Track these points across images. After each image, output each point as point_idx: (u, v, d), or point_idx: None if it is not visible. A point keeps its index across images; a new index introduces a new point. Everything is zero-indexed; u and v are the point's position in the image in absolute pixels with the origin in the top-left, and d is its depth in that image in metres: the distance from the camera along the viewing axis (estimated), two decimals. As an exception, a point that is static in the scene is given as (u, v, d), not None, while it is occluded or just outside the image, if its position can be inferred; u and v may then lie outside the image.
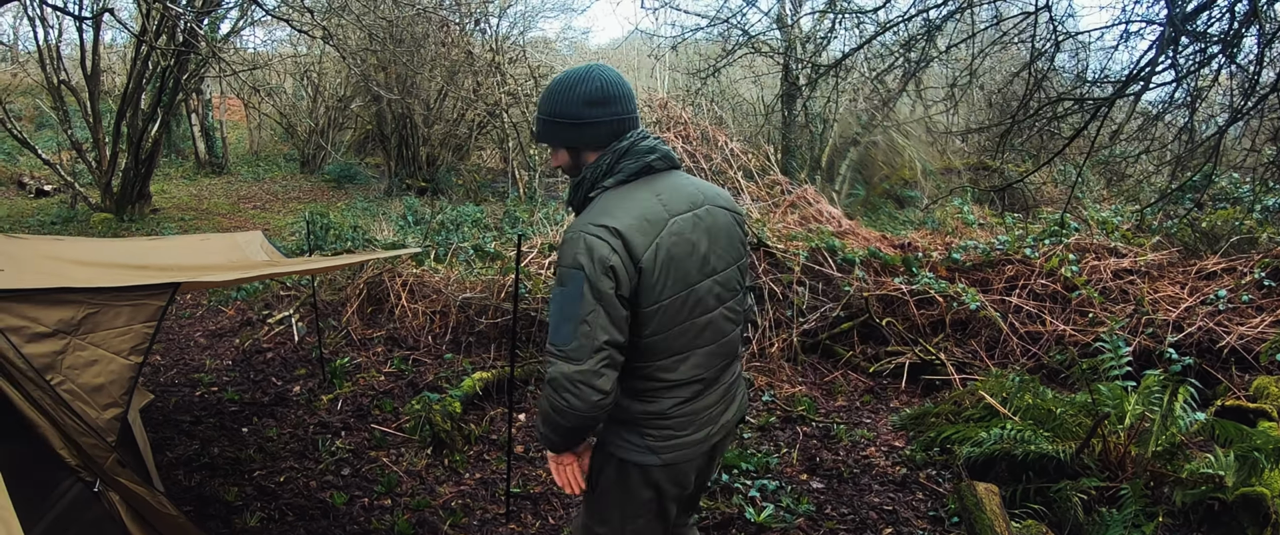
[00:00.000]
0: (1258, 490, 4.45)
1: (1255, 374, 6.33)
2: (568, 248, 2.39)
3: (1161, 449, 4.69)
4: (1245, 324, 6.72)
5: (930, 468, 5.31)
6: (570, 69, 2.58)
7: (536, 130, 2.64)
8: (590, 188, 2.54)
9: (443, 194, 17.49)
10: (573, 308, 2.34)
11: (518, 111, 17.70)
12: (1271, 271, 7.21)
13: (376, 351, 7.06)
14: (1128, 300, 7.34)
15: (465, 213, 13.04)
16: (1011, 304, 7.39)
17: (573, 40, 22.71)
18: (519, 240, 4.28)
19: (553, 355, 2.39)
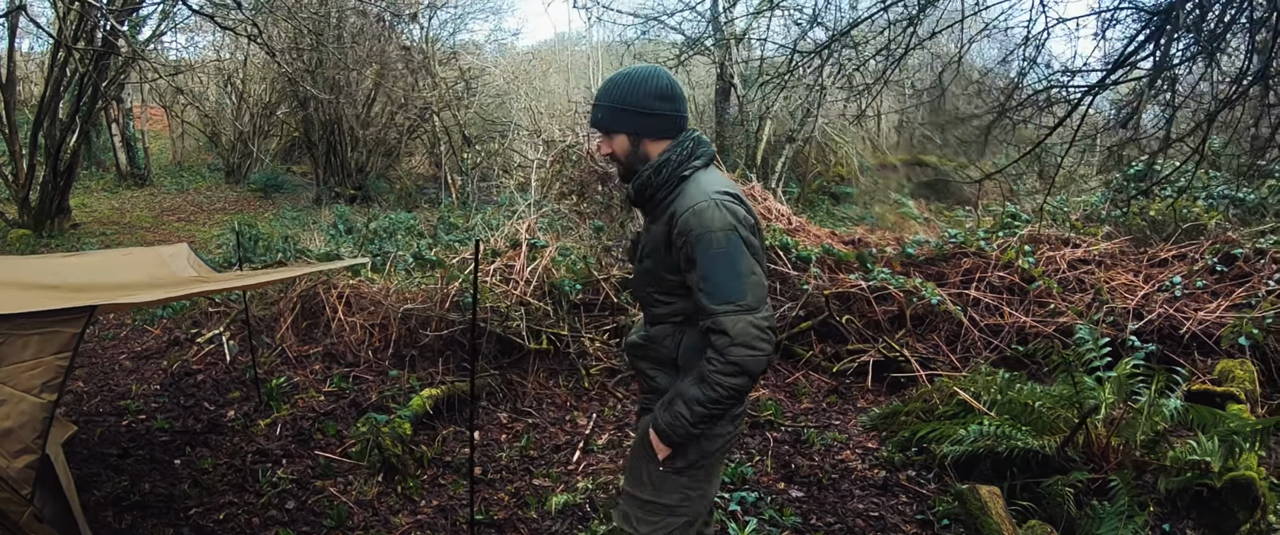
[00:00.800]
0: (1246, 474, 4.43)
1: (1217, 358, 6.33)
2: (710, 215, 2.53)
3: (1145, 438, 4.57)
4: (1203, 309, 6.72)
5: (909, 469, 5.11)
6: (634, 66, 2.81)
7: (597, 117, 2.79)
8: (678, 167, 2.69)
9: (373, 201, 16.99)
10: (737, 264, 2.52)
11: (449, 115, 17.29)
12: (1222, 257, 7.21)
13: (314, 369, 6.61)
14: (1085, 290, 7.28)
15: (398, 220, 12.63)
16: (970, 297, 7.29)
17: (502, 42, 22.30)
18: (477, 246, 3.97)
19: (730, 312, 2.50)
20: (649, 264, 2.78)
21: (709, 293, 2.53)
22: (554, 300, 7.13)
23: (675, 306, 2.74)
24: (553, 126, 15.48)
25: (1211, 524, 4.50)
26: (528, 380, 6.47)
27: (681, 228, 2.58)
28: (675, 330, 2.76)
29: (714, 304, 2.52)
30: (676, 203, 2.64)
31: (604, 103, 2.75)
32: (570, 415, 6.06)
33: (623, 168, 2.83)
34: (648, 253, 2.79)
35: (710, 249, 2.52)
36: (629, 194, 2.81)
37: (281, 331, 7.01)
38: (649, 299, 2.83)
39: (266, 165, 21.08)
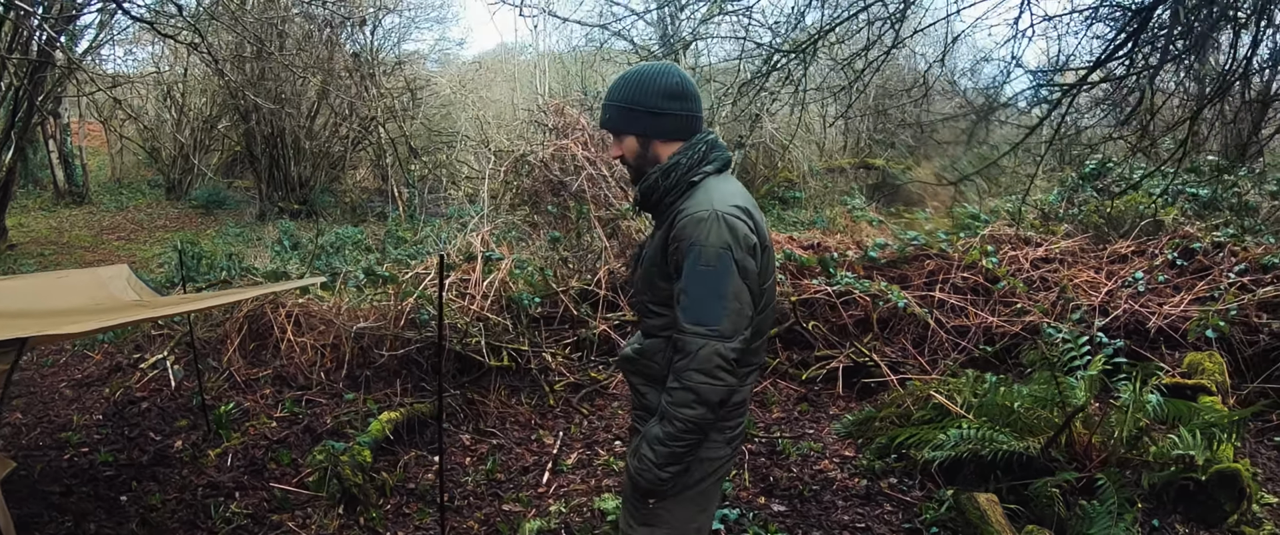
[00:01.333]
0: (1232, 467, 4.43)
1: (1184, 351, 6.32)
2: (707, 228, 2.38)
3: (1128, 435, 4.50)
4: (1166, 303, 6.71)
5: (891, 476, 4.98)
6: (644, 64, 2.66)
7: (605, 117, 2.66)
8: (688, 171, 2.54)
9: (318, 215, 16.59)
10: (722, 286, 2.36)
11: (394, 126, 16.95)
12: (1182, 251, 7.23)
13: (264, 394, 6.29)
14: (1049, 288, 7.25)
15: (345, 235, 12.30)
16: (935, 299, 7.22)
17: (446, 51, 21.95)
18: (441, 261, 3.76)
19: (699, 334, 2.36)
20: (646, 270, 2.62)
21: (686, 308, 2.39)
22: (513, 314, 6.92)
23: (668, 318, 2.56)
24: (501, 136, 15.25)
25: (1199, 517, 4.49)
26: (489, 399, 6.24)
27: (678, 232, 2.42)
28: (666, 345, 2.57)
29: (687, 321, 2.39)
30: (679, 207, 2.50)
31: (612, 102, 2.62)
32: (536, 434, 5.83)
33: (632, 170, 2.69)
34: (647, 258, 2.63)
35: (698, 264, 2.37)
36: (636, 197, 2.65)
37: (228, 354, 6.68)
38: (644, 309, 2.66)
39: (208, 180, 20.52)
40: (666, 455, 2.44)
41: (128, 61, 20.93)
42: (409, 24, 20.52)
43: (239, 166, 21.44)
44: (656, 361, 2.60)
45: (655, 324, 2.61)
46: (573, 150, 8.05)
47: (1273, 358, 6.16)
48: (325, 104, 17.62)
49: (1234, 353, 6.24)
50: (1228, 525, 4.45)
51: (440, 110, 19.09)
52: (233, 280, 7.95)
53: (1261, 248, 6.98)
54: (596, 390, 6.56)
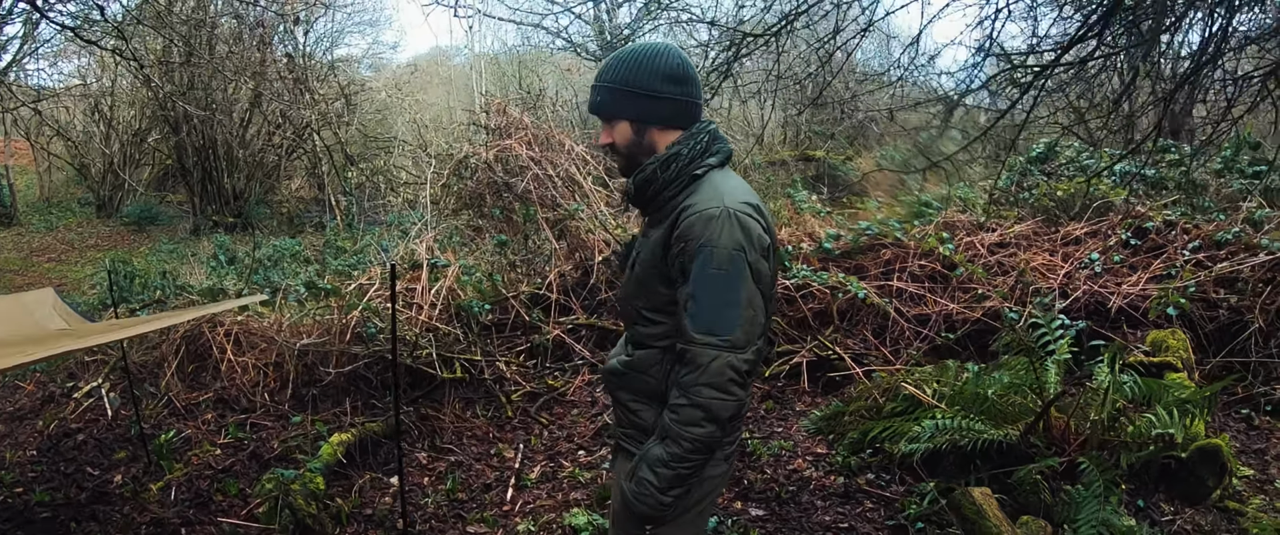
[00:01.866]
0: (1212, 443, 4.44)
1: (1145, 329, 6.31)
2: (718, 227, 2.15)
3: (1106, 417, 4.44)
4: (1125, 283, 6.70)
5: (867, 472, 4.85)
6: (640, 42, 2.47)
7: (596, 100, 2.40)
8: (690, 162, 2.31)
9: (254, 228, 16.11)
10: (735, 291, 2.15)
11: (329, 133, 16.51)
12: (1135, 231, 7.23)
13: (206, 419, 5.95)
14: (1006, 273, 7.20)
15: (282, 247, 11.91)
16: (894, 288, 7.13)
17: (379, 55, 21.48)
18: (392, 270, 3.52)
19: (710, 345, 2.14)
20: (641, 273, 2.37)
21: (694, 315, 2.17)
22: (463, 323, 6.67)
23: (666, 327, 2.33)
24: (439, 139, 14.93)
25: (1182, 494, 4.48)
26: (444, 413, 5.98)
27: (684, 231, 2.18)
28: (663, 356, 2.34)
29: (695, 329, 2.16)
30: (683, 202, 2.26)
31: (605, 83, 2.36)
32: (495, 448, 5.58)
33: (624, 161, 2.42)
34: (641, 260, 2.38)
35: (709, 266, 2.15)
36: (629, 190, 2.40)
37: (166, 378, 6.33)
38: (635, 315, 2.42)
39: (140, 196, 19.84)
40: (671, 478, 2.22)
41: (53, 75, 20.22)
42: (341, 28, 20.07)
43: (171, 180, 20.77)
44: (651, 375, 2.37)
45: (650, 332, 2.37)
46: (516, 150, 7.81)
47: (1233, 332, 6.19)
48: (258, 112, 17.13)
49: (1195, 329, 6.25)
50: (1212, 501, 4.43)
51: (375, 115, 18.68)
52: (167, 299, 7.57)
53: (1213, 225, 7.01)
54: (554, 398, 6.34)
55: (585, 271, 7.40)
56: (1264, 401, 5.76)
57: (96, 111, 19.58)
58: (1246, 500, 4.54)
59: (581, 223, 7.53)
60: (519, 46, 20.16)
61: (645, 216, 2.45)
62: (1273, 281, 6.24)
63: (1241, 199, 7.51)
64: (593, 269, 7.32)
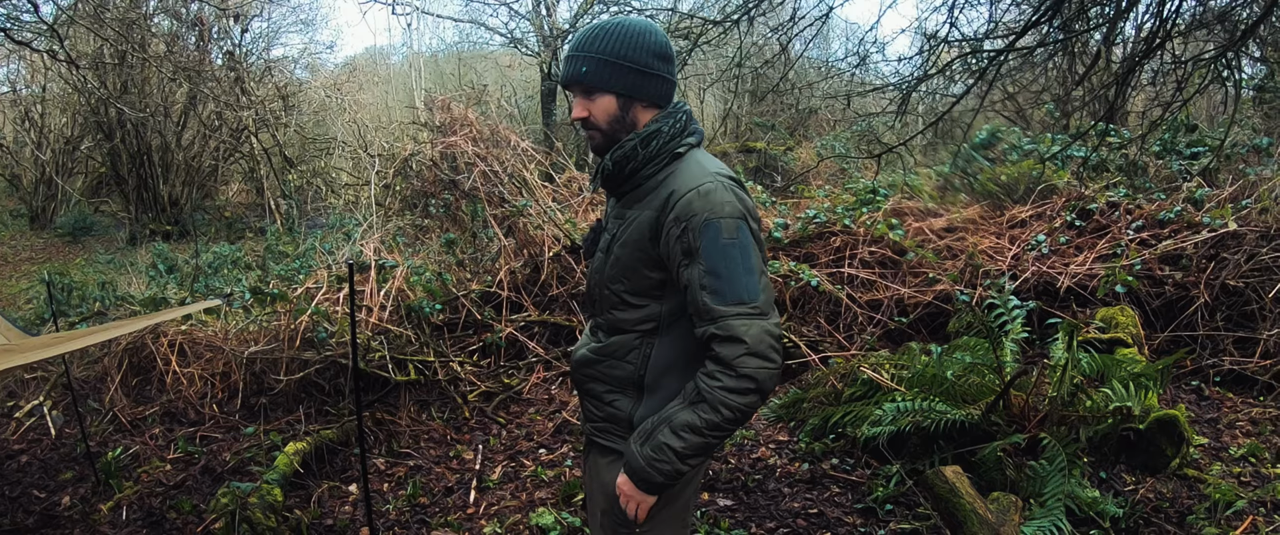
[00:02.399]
0: (1170, 413, 4.56)
1: (1094, 307, 6.43)
2: (717, 198, 2.11)
3: (1065, 393, 4.50)
4: (1072, 263, 6.81)
5: (831, 457, 4.86)
6: (621, 17, 2.34)
7: (579, 71, 2.25)
8: (671, 140, 2.24)
9: (193, 236, 15.71)
10: (749, 258, 2.09)
11: (267, 135, 16.16)
12: (1079, 213, 7.36)
13: (154, 433, 5.75)
14: (956, 256, 7.27)
15: (223, 253, 11.64)
16: (845, 275, 7.17)
17: (315, 55, 21.04)
18: (351, 269, 3.43)
19: (744, 314, 2.06)
20: (623, 255, 2.26)
21: (716, 291, 2.06)
22: (413, 324, 6.55)
23: (647, 311, 2.25)
24: (380, 138, 14.70)
25: (1142, 464, 4.59)
26: (399, 417, 5.87)
27: (681, 211, 2.10)
28: (642, 342, 2.27)
29: (723, 305, 2.06)
30: (670, 183, 2.19)
31: (590, 53, 2.23)
32: (454, 450, 5.49)
33: (602, 137, 2.30)
34: (622, 242, 2.27)
35: (720, 238, 2.07)
36: (604, 167, 2.29)
37: (110, 392, 6.11)
38: (614, 300, 2.31)
39: (74, 206, 19.22)
40: (699, 446, 2.12)
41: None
42: (278, 27, 19.63)
43: (105, 189, 20.13)
44: (628, 361, 2.29)
45: (629, 317, 2.28)
46: (462, 147, 7.70)
47: (1179, 307, 6.32)
48: (194, 114, 16.72)
49: (1142, 305, 6.39)
50: (1171, 469, 4.52)
51: (313, 117, 18.32)
52: (108, 311, 7.34)
53: (1155, 205, 7.15)
54: (511, 397, 6.26)
55: (535, 268, 7.33)
56: (1212, 373, 5.91)
57: (27, 119, 18.95)
58: (1205, 468, 4.64)
59: (530, 219, 7.45)
60: (458, 44, 19.93)
61: (615, 197, 2.36)
62: (1216, 258, 6.40)
63: (1181, 179, 7.67)
64: (542, 265, 7.25)
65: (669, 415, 2.16)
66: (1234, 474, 4.60)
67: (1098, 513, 3.95)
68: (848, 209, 8.01)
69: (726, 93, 15.42)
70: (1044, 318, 6.32)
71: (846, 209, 8.01)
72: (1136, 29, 4.06)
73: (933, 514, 4.10)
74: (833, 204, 8.37)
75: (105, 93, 14.59)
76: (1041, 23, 4.09)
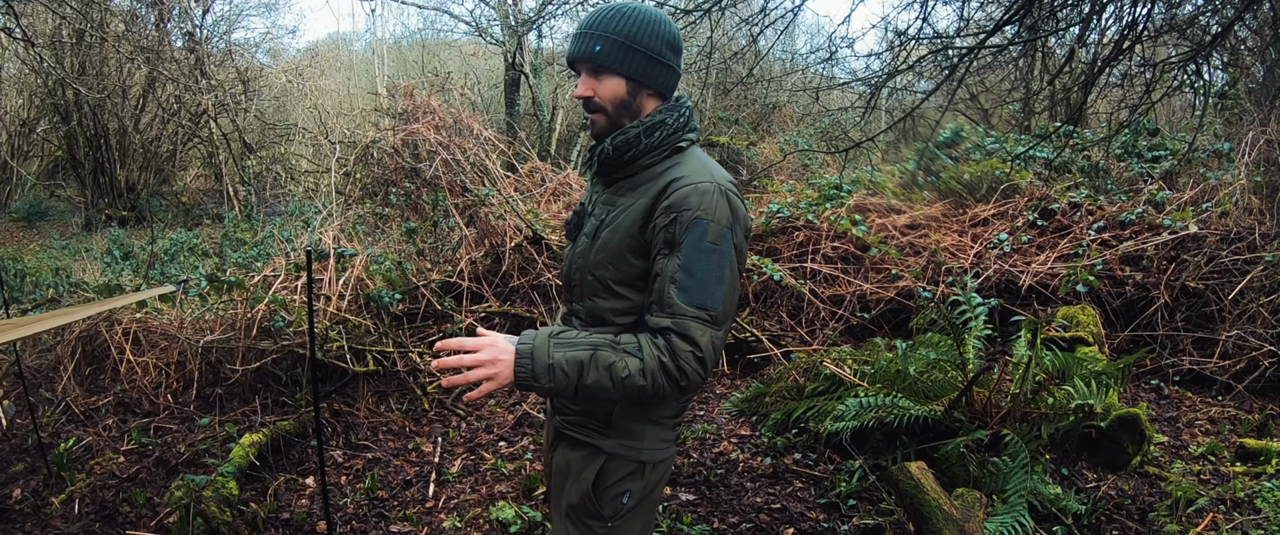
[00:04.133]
0: (1131, 411, 4.61)
1: (1055, 306, 6.49)
2: (712, 201, 2.08)
3: (1029, 390, 4.52)
4: (1033, 262, 6.86)
5: (794, 452, 4.85)
6: (634, 3, 2.23)
7: (592, 48, 2.18)
8: (674, 133, 2.22)
9: (150, 221, 15.43)
10: (723, 268, 2.07)
11: (227, 120, 15.90)
12: (1041, 212, 7.41)
13: (107, 424, 5.60)
14: (918, 253, 7.30)
15: (179, 240, 11.43)
16: (808, 270, 7.17)
17: (277, 40, 20.72)
18: (309, 257, 3.34)
19: (701, 319, 2.05)
20: (613, 242, 2.19)
21: (685, 287, 2.04)
22: (373, 314, 6.46)
23: (631, 302, 2.20)
24: (341, 125, 14.53)
25: (1104, 461, 4.64)
26: (357, 408, 5.78)
27: (675, 201, 2.06)
28: (620, 334, 2.18)
29: (687, 303, 2.04)
30: (671, 172, 2.15)
31: (605, 32, 2.17)
32: (412, 443, 5.40)
33: (605, 119, 2.25)
34: (612, 228, 2.20)
35: (704, 239, 2.04)
36: (603, 151, 2.23)
37: (63, 382, 5.95)
38: (597, 287, 2.24)
39: (29, 191, 18.81)
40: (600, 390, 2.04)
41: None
42: (240, 10, 19.30)
43: (61, 173, 19.74)
44: None
45: (613, 307, 2.22)
46: (424, 134, 7.60)
47: (1139, 307, 6.39)
48: (152, 98, 16.41)
49: (1103, 304, 6.45)
50: (1132, 467, 4.56)
51: (274, 102, 18.06)
52: (62, 298, 7.15)
53: (1116, 206, 7.22)
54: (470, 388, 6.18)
55: (496, 258, 7.26)
56: (1172, 372, 5.98)
57: (-21, 101, 18.51)
58: (1165, 466, 4.68)
59: (492, 209, 7.37)
60: (422, 31, 19.74)
61: (605, 183, 2.31)
62: (1176, 259, 6.47)
63: (1142, 181, 7.75)
64: (504, 256, 7.18)
65: (595, 342, 2.07)
66: (1194, 472, 4.64)
67: (1060, 509, 3.96)
68: (811, 204, 8.02)
69: (691, 86, 15.39)
70: (1006, 315, 6.37)
71: (810, 204, 8.02)
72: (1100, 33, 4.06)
73: (896, 509, 4.09)
74: (796, 199, 8.38)
75: (62, 74, 14.27)
76: (1012, 21, 4.08)
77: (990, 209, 7.82)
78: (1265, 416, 5.24)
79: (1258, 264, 6.10)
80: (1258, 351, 5.77)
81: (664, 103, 2.26)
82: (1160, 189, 7.33)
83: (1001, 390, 4.64)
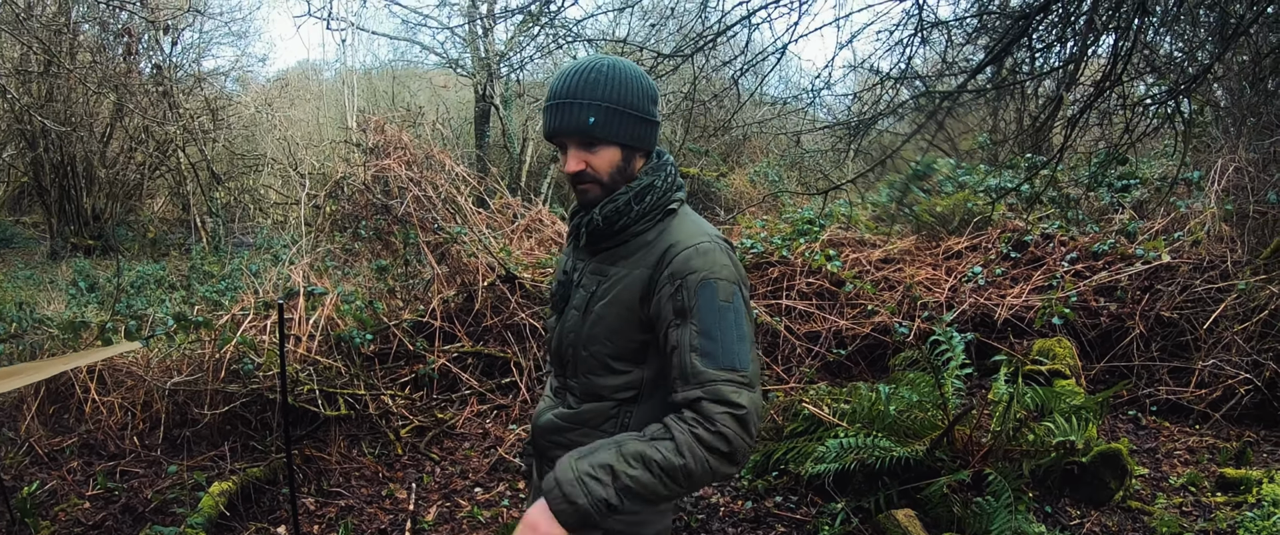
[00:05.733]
0: (1113, 447, 4.64)
1: (1031, 339, 6.50)
2: (715, 259, 1.99)
3: (1010, 427, 4.51)
4: (1008, 295, 6.86)
5: (775, 494, 4.78)
6: (603, 56, 2.09)
7: (586, 119, 2.02)
8: (664, 195, 2.10)
9: (116, 251, 15.18)
10: (742, 325, 1.97)
11: (194, 150, 15.72)
12: (1015, 244, 7.43)
13: (72, 467, 5.44)
14: (893, 287, 7.29)
15: (146, 272, 11.24)
16: (783, 306, 7.13)
17: (247, 68, 20.49)
18: (281, 310, 3.27)
19: (735, 382, 1.90)
20: (607, 314, 2.08)
21: (709, 353, 1.91)
22: (344, 355, 6.35)
23: (630, 377, 2.08)
24: (310, 157, 14.37)
25: (1087, 497, 4.65)
26: (329, 453, 5.65)
27: (678, 268, 1.96)
28: (619, 411, 2.10)
29: (715, 369, 1.90)
30: (666, 238, 2.05)
31: (595, 100, 2.02)
32: (386, 489, 5.29)
33: (601, 190, 2.10)
34: (607, 302, 2.08)
35: (716, 299, 1.93)
36: (593, 222, 2.09)
37: (26, 422, 5.79)
38: (593, 365, 2.12)
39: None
40: (643, 484, 1.87)
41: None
42: (210, 39, 19.06)
43: (26, 200, 19.41)
44: (604, 430, 2.10)
45: (610, 383, 2.11)
46: (395, 170, 7.53)
47: (1114, 338, 6.41)
48: (120, 126, 16.20)
49: (1078, 336, 6.48)
50: (1115, 502, 4.56)
51: (243, 132, 17.88)
52: (25, 334, 6.96)
53: (1089, 236, 7.26)
54: (444, 432, 6.09)
55: (469, 297, 7.17)
56: (1149, 402, 6.02)
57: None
58: (1147, 499, 4.69)
59: (463, 246, 7.29)
60: (392, 61, 19.66)
61: (591, 252, 2.18)
62: (1150, 289, 6.50)
63: (1113, 212, 7.80)
64: (476, 294, 7.10)
65: (619, 439, 1.96)
66: (1176, 504, 4.64)
67: (1045, 549, 3.94)
68: (785, 239, 8.00)
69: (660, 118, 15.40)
70: (983, 349, 6.36)
71: (784, 239, 7.99)
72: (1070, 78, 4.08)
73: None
74: (770, 234, 8.36)
75: (30, 101, 14.08)
76: (992, 63, 4.10)
77: (964, 241, 7.83)
78: (1243, 444, 5.27)
79: (1231, 292, 6.15)
80: (1233, 379, 5.81)
81: (648, 161, 2.16)
82: (1132, 219, 7.38)
83: (983, 428, 4.63)
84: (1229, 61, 6.45)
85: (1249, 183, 6.80)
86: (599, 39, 9.50)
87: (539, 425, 2.28)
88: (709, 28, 5.03)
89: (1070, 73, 3.80)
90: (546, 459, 2.25)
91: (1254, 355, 5.82)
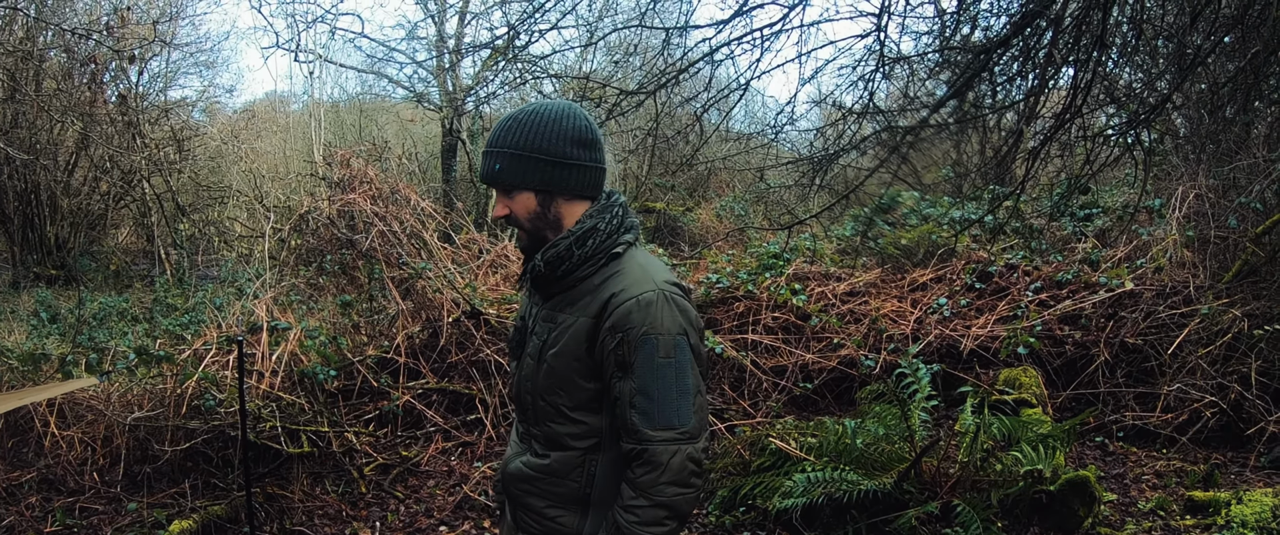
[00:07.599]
0: (1081, 475, 4.65)
1: (996, 369, 6.54)
2: (657, 312, 2.00)
3: (978, 457, 4.52)
4: (974, 326, 6.90)
5: (743, 530, 4.76)
6: (539, 102, 2.16)
7: (493, 168, 2.11)
8: (608, 239, 2.10)
9: (79, 282, 14.95)
10: (685, 379, 2.01)
11: (160, 180, 15.55)
12: (979, 275, 7.48)
13: (30, 503, 5.31)
14: (859, 320, 7.31)
15: (109, 304, 11.09)
16: (749, 340, 7.12)
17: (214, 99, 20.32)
18: (240, 348, 3.22)
19: (669, 441, 1.99)
20: (557, 365, 2.11)
21: (646, 412, 1.99)
22: (307, 391, 6.26)
23: (589, 425, 2.12)
24: (276, 190, 14.32)
25: (1055, 525, 4.64)
26: (292, 491, 5.56)
27: (618, 321, 1.99)
28: (585, 460, 2.13)
29: (651, 428, 1.99)
30: (609, 286, 2.06)
31: (503, 148, 2.08)
32: (350, 528, 5.20)
33: (526, 236, 2.17)
34: (556, 352, 2.11)
35: (656, 356, 1.98)
36: (535, 268, 2.14)
37: (-18, 458, 5.69)
38: (551, 413, 2.15)
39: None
40: None
41: None
42: (177, 68, 18.89)
43: (-12, 229, 19.12)
44: (572, 479, 2.14)
45: (569, 432, 2.14)
46: (361, 205, 7.48)
47: (1079, 365, 6.47)
48: (85, 155, 16.02)
49: (1044, 365, 6.53)
50: (1084, 529, 4.58)
51: (209, 163, 17.74)
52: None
53: (1052, 266, 7.33)
54: (408, 469, 6.01)
55: (434, 332, 7.10)
56: (1116, 428, 6.08)
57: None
58: (1116, 525, 4.71)
59: (429, 281, 7.23)
60: (360, 94, 19.62)
61: (543, 297, 2.21)
62: (1114, 316, 6.57)
63: (1075, 240, 7.88)
64: (441, 330, 7.04)
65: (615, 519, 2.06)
66: (1145, 529, 4.66)
67: (1014, 579, 3.94)
68: (751, 273, 8.00)
69: (627, 153, 15.47)
70: (948, 380, 6.39)
71: (749, 273, 7.99)
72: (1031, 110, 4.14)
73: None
74: (735, 268, 8.36)
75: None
76: (955, 98, 4.15)
77: (929, 273, 7.87)
78: (1211, 467, 5.31)
79: (1194, 317, 6.22)
80: (1199, 403, 5.87)
81: (593, 204, 2.16)
82: (1094, 247, 7.46)
83: (950, 459, 4.64)
84: (1187, 91, 6.56)
85: (1209, 208, 6.89)
86: (563, 75, 9.54)
87: (508, 472, 2.29)
88: (672, 64, 5.06)
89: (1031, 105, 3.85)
90: (518, 504, 2.27)
91: (1218, 378, 5.89)
